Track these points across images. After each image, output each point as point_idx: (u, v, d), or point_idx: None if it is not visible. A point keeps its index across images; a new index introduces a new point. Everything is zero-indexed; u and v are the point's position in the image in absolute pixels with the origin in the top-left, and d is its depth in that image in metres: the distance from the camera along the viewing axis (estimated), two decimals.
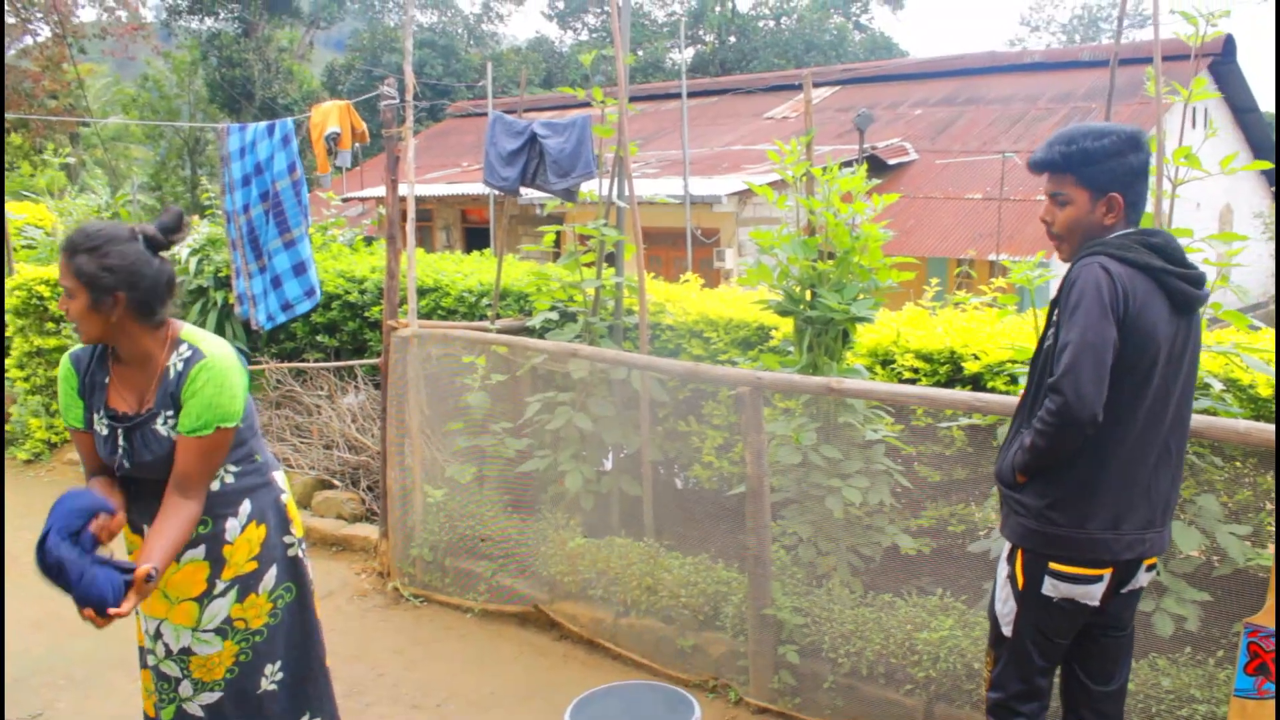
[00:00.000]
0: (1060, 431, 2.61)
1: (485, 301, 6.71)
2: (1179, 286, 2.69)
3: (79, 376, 2.93)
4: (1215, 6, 3.90)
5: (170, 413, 2.86)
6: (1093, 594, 2.78)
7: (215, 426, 2.83)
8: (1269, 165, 4.13)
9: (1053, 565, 2.77)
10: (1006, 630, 2.90)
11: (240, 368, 2.95)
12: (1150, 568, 2.86)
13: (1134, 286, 2.64)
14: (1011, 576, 2.87)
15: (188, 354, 2.88)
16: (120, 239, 2.79)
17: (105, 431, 2.90)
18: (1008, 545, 2.89)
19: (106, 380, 2.92)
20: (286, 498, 3.17)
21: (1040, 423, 2.66)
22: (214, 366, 2.86)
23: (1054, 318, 2.76)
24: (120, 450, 2.88)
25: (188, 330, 2.94)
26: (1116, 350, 2.60)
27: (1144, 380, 2.67)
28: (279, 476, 3.18)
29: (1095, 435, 2.63)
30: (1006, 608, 2.89)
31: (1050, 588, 2.79)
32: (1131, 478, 2.73)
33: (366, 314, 7.49)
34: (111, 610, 2.54)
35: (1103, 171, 2.73)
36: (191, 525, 2.82)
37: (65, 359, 2.97)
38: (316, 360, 7.82)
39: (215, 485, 2.95)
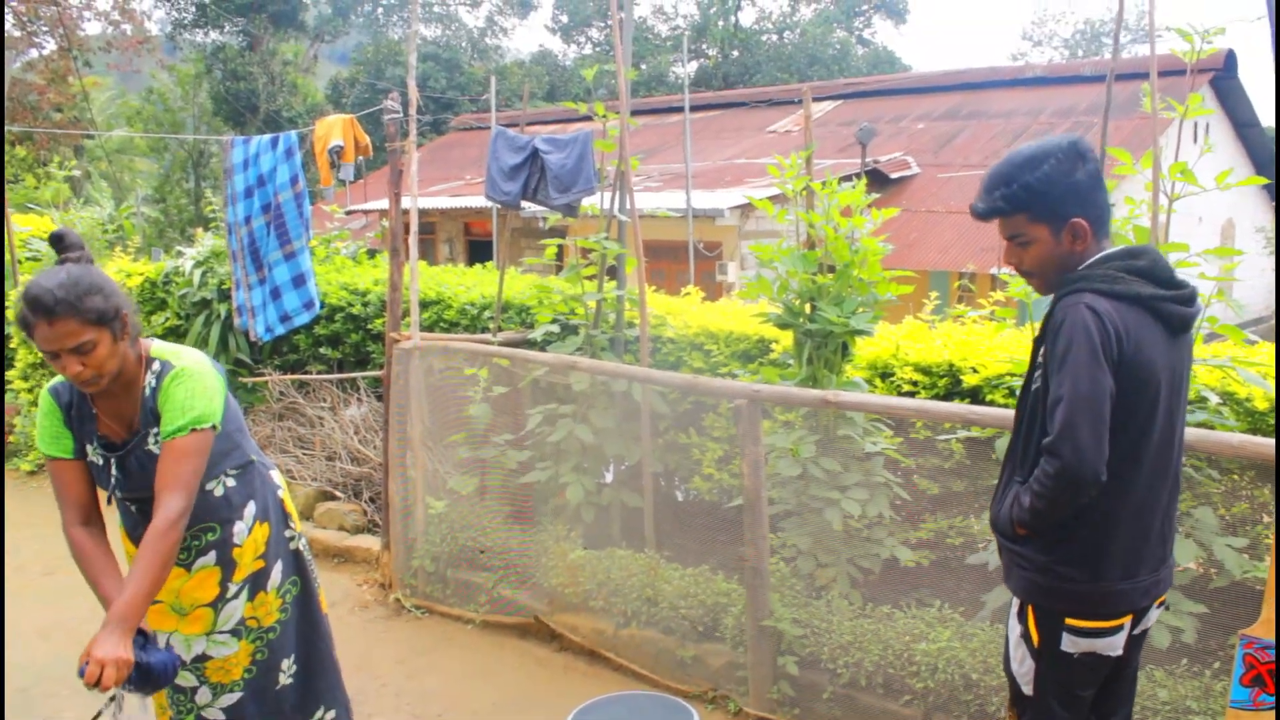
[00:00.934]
0: (1061, 494, 2.41)
1: (487, 314, 6.74)
2: (1173, 310, 2.51)
3: (63, 410, 2.92)
4: (1212, 23, 3.93)
5: (155, 430, 2.89)
6: (1115, 644, 2.60)
7: (190, 429, 2.82)
8: (1265, 181, 4.16)
9: (1069, 621, 2.57)
10: (1027, 689, 2.68)
11: (215, 373, 2.97)
12: (1161, 604, 2.72)
13: (1126, 322, 2.43)
14: (1025, 635, 2.65)
15: (159, 369, 2.92)
16: (90, 271, 2.79)
17: (100, 461, 2.92)
18: (1016, 601, 2.69)
19: (94, 411, 2.93)
20: (282, 492, 3.24)
21: (1039, 484, 2.45)
22: (185, 373, 2.89)
23: (1039, 358, 2.58)
24: (114, 478, 2.91)
25: (157, 347, 2.97)
26: (1114, 398, 2.40)
27: (1148, 420, 2.50)
28: (274, 473, 3.24)
29: (1103, 488, 2.43)
30: (1024, 667, 2.68)
31: (1070, 644, 2.58)
32: (1145, 524, 2.56)
33: (369, 326, 7.52)
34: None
35: (1055, 201, 2.52)
36: (163, 551, 2.70)
37: (45, 394, 2.95)
38: (319, 372, 7.85)
39: (219, 491, 3.00)
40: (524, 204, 5.70)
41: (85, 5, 23.92)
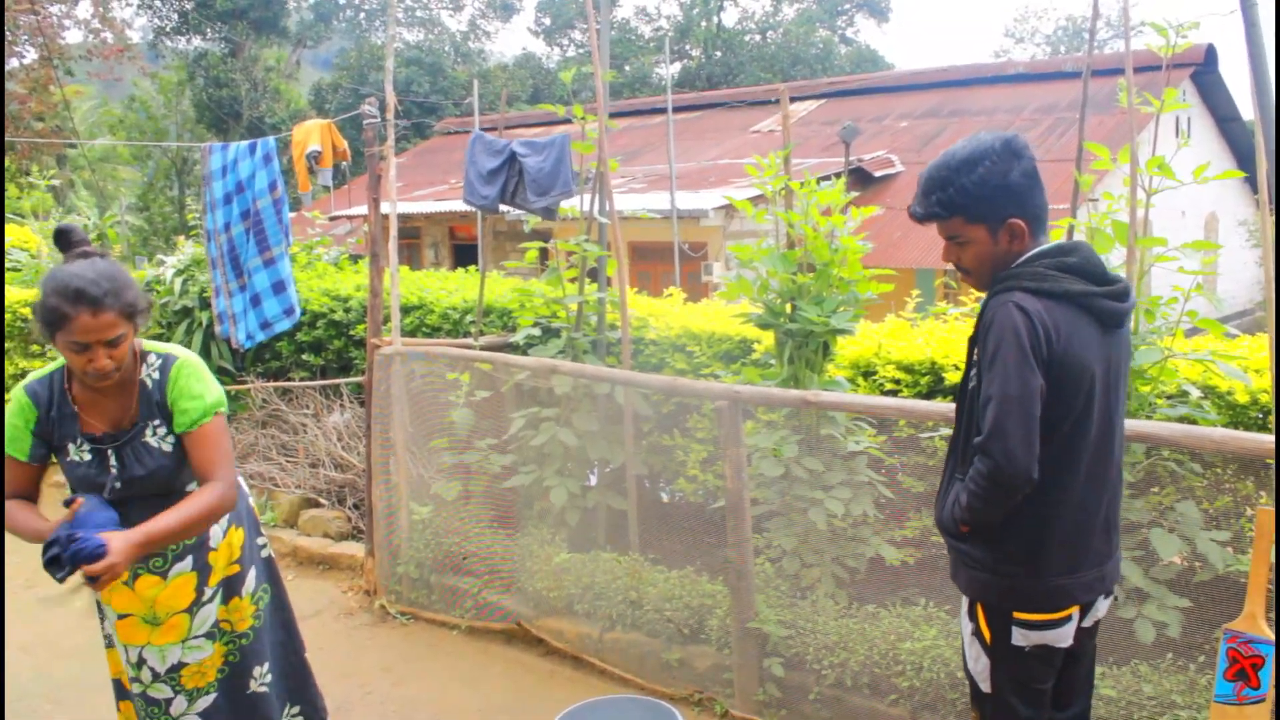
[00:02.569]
0: (993, 494, 2.44)
1: (470, 318, 6.71)
2: (1105, 306, 2.51)
3: (39, 411, 2.92)
4: (1189, 18, 3.93)
5: (157, 422, 2.92)
6: (1065, 635, 2.62)
7: (214, 413, 2.94)
8: (1242, 175, 4.16)
9: (1017, 615, 2.59)
10: (985, 687, 2.70)
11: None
12: (1108, 594, 2.74)
13: (1056, 320, 2.45)
14: (977, 632, 2.67)
15: (158, 362, 2.96)
16: (117, 264, 2.85)
17: (89, 456, 2.91)
18: (965, 600, 2.71)
19: (74, 410, 2.93)
20: (251, 500, 3.30)
21: (973, 484, 2.47)
22: (189, 363, 2.98)
23: (973, 357, 2.60)
24: (113, 470, 2.90)
25: (149, 343, 3.02)
26: (1044, 397, 2.42)
27: (1083, 417, 2.51)
28: (241, 480, 3.25)
29: (1041, 485, 2.45)
30: (980, 665, 2.70)
31: (1020, 638, 2.60)
32: (1086, 520, 2.58)
33: (351, 332, 7.49)
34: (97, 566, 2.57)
35: (990, 203, 2.52)
36: (216, 508, 2.86)
37: (21, 393, 2.93)
38: (302, 379, 7.82)
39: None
40: (503, 208, 5.68)
41: (66, 14, 23.83)
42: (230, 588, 3.13)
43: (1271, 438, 3.14)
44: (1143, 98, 4.04)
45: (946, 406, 3.66)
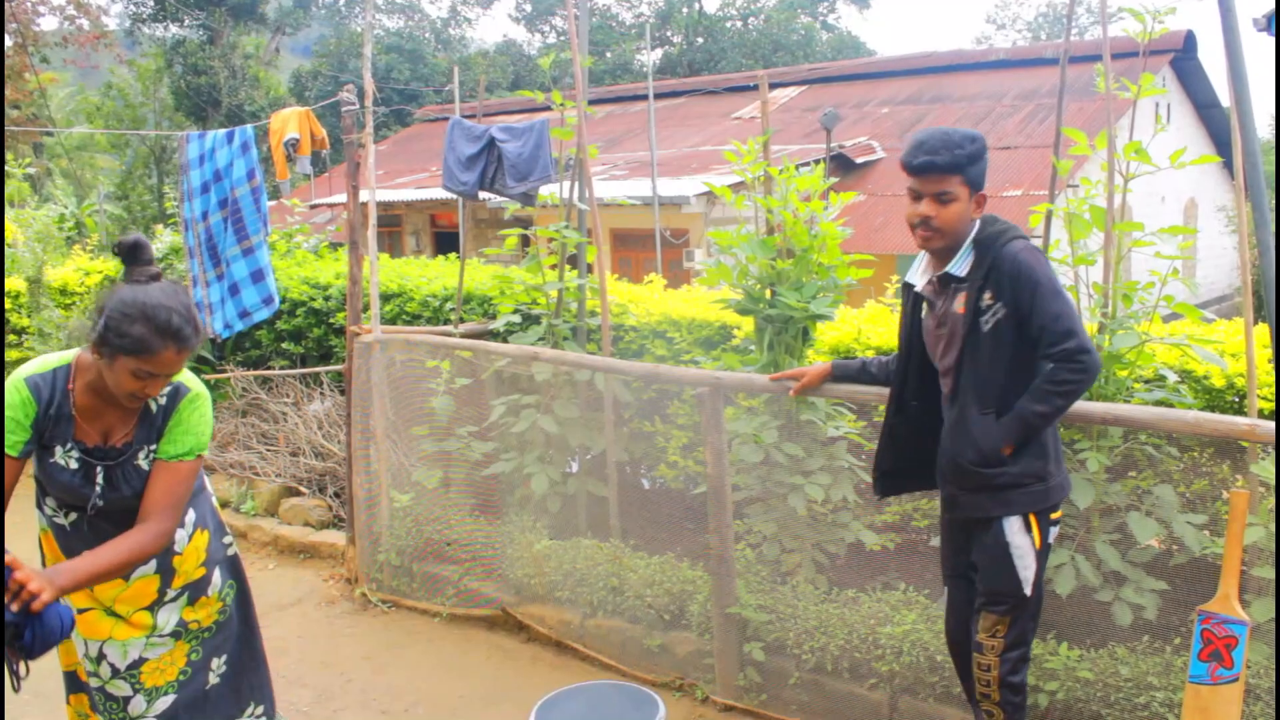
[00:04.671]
0: (1085, 385, 2.93)
1: (450, 306, 6.70)
2: None
3: (39, 407, 2.82)
4: (1165, 3, 3.94)
5: (152, 447, 2.89)
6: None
7: (197, 454, 2.92)
8: (1218, 160, 4.18)
9: (1053, 515, 3.13)
10: (1028, 591, 3.11)
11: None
12: None
13: None
14: (1031, 543, 3.09)
15: (169, 389, 2.91)
16: (184, 291, 2.84)
17: (75, 465, 2.85)
18: (1016, 519, 3.08)
19: (72, 413, 2.86)
20: (215, 499, 3.27)
21: (1064, 384, 2.91)
22: (199, 398, 2.94)
23: (982, 302, 3.03)
24: (98, 487, 2.87)
25: None
26: None
27: None
28: (207, 481, 3.25)
29: None
30: (1029, 572, 3.09)
31: (1053, 536, 3.16)
32: None
33: (331, 320, 7.46)
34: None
35: (978, 172, 3.06)
36: (139, 555, 2.75)
37: (21, 384, 2.82)
38: (282, 368, 7.79)
39: None
40: (483, 194, 5.66)
41: (40, 0, 23.61)
42: (197, 589, 3.10)
43: (1245, 419, 3.17)
44: (1120, 83, 4.05)
45: None
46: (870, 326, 5.03)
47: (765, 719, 4.22)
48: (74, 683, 3.15)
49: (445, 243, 20.06)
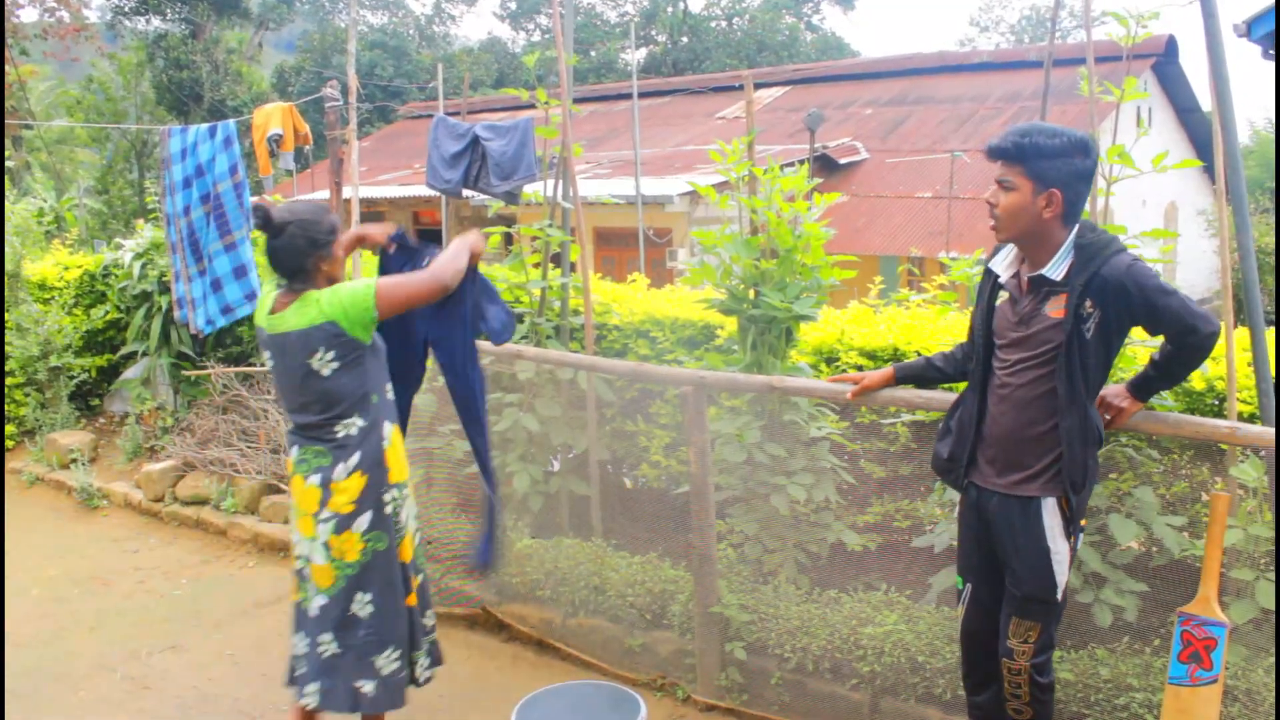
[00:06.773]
0: (1205, 357, 2.98)
1: None
2: None
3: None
4: (1148, 8, 3.96)
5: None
6: None
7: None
8: (1199, 164, 4.20)
9: (1081, 522, 3.16)
10: (1060, 595, 3.11)
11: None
12: None
13: None
14: (1068, 546, 3.09)
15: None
16: None
17: None
18: (1052, 501, 3.06)
19: None
20: (388, 445, 3.53)
21: (1191, 360, 2.98)
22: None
23: (1084, 310, 2.93)
24: None
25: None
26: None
27: None
28: (388, 426, 3.54)
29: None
30: (1064, 577, 3.10)
31: (1080, 542, 3.19)
32: None
33: None
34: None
35: (1050, 167, 2.93)
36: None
37: None
38: (263, 365, 7.74)
39: (341, 433, 3.42)
40: (466, 192, 5.65)
41: None
42: (343, 522, 3.43)
43: (1226, 422, 3.18)
44: (1103, 87, 4.06)
45: (911, 393, 3.67)
46: (853, 327, 5.03)
47: (747, 718, 4.22)
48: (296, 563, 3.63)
49: (428, 240, 19.98)
